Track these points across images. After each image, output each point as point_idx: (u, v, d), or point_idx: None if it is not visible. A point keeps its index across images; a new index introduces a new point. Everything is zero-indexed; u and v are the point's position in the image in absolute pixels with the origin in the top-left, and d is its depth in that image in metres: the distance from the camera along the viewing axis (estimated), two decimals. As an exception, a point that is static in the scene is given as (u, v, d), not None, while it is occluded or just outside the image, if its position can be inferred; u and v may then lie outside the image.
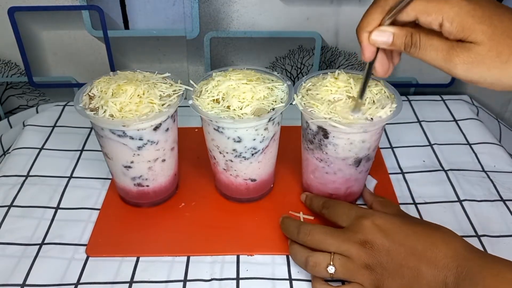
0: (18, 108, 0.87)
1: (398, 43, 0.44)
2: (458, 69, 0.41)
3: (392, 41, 0.44)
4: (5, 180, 0.65)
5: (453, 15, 0.40)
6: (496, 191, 0.63)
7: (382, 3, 0.44)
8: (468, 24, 0.40)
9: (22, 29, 0.77)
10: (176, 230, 0.58)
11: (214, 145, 0.57)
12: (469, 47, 0.40)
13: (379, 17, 0.44)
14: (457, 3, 0.40)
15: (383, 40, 0.44)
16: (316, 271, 0.49)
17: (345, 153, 0.54)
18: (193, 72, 0.83)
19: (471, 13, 0.40)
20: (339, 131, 0.52)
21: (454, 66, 0.41)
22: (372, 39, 0.45)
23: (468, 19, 0.40)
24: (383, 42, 0.45)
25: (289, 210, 0.60)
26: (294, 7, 0.76)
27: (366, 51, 0.46)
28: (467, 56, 0.40)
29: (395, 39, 0.44)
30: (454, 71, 0.41)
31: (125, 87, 0.53)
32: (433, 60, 0.42)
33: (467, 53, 0.40)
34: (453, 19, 0.40)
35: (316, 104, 0.53)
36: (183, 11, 0.76)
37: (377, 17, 0.44)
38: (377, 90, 0.54)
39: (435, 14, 0.41)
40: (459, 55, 0.41)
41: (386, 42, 0.45)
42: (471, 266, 0.42)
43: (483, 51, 0.40)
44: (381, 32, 0.44)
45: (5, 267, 0.53)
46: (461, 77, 0.42)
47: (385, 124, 0.53)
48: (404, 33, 0.44)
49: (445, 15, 0.41)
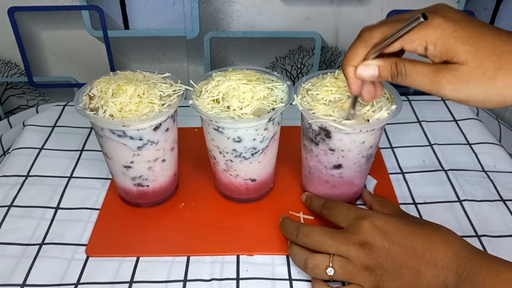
0: (18, 108, 0.87)
1: (385, 74, 0.45)
2: (446, 90, 0.41)
3: (379, 73, 0.45)
4: (5, 180, 0.65)
5: (436, 38, 0.41)
6: (496, 191, 0.63)
7: (366, 39, 0.44)
8: (451, 46, 0.40)
9: (22, 29, 0.77)
10: (176, 230, 0.58)
11: (214, 145, 0.57)
12: (454, 67, 0.41)
13: (364, 52, 0.45)
14: (439, 26, 0.41)
15: (370, 73, 0.45)
16: (316, 273, 0.49)
17: (345, 152, 0.54)
18: (193, 72, 0.84)
19: (453, 35, 0.41)
20: (340, 131, 0.52)
21: (441, 88, 0.42)
22: (359, 74, 0.45)
23: (450, 40, 0.40)
24: (369, 75, 0.45)
25: (289, 210, 0.60)
26: (294, 7, 0.76)
27: (353, 85, 0.47)
28: (453, 76, 0.41)
29: (381, 71, 0.45)
30: (442, 93, 0.42)
31: (125, 87, 0.53)
32: (420, 85, 0.43)
33: (453, 74, 0.41)
34: (436, 42, 0.41)
35: (316, 105, 0.53)
36: (183, 11, 0.76)
37: (361, 52, 0.45)
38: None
39: (418, 40, 0.42)
40: (445, 77, 0.41)
41: (373, 75, 0.45)
42: (471, 266, 0.42)
43: (468, 70, 0.40)
44: (366, 67, 0.45)
45: (5, 267, 0.53)
46: (451, 98, 0.42)
47: (385, 124, 0.53)
48: (389, 64, 0.44)
49: (428, 39, 0.41)
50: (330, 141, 0.54)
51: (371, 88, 0.48)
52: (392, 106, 0.53)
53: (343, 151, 0.54)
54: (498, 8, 0.78)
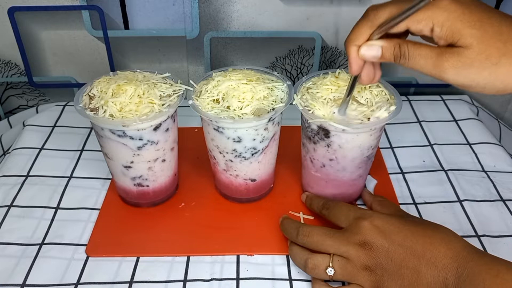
0: (18, 108, 0.87)
1: (388, 55, 0.44)
2: (449, 74, 0.41)
3: (381, 54, 0.44)
4: (5, 180, 0.65)
5: (443, 20, 0.40)
6: (496, 191, 0.63)
7: (372, 18, 0.44)
8: (457, 28, 0.40)
9: (22, 29, 0.77)
10: (176, 230, 0.58)
11: (214, 145, 0.57)
12: (459, 51, 0.40)
13: (368, 32, 0.44)
14: (447, 8, 0.41)
15: (372, 54, 0.45)
16: (316, 273, 0.49)
17: (345, 152, 0.54)
18: (193, 72, 0.83)
19: (461, 18, 0.40)
20: (340, 131, 0.52)
21: (444, 71, 0.41)
22: (362, 54, 0.45)
23: (457, 23, 0.40)
24: (372, 56, 0.45)
25: (289, 210, 0.60)
26: (294, 7, 0.76)
27: (354, 64, 0.46)
28: (457, 60, 0.40)
29: (384, 52, 0.44)
30: (444, 76, 0.41)
31: (125, 87, 0.53)
32: (423, 68, 0.42)
33: (456, 57, 0.40)
34: (443, 23, 0.41)
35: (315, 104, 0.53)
36: (183, 11, 0.76)
37: (366, 31, 0.44)
38: (377, 92, 0.54)
39: (425, 20, 0.41)
40: (448, 60, 0.41)
41: (376, 55, 0.45)
42: (471, 267, 0.42)
43: (472, 54, 0.40)
44: (370, 47, 0.44)
45: (5, 267, 0.53)
46: (452, 82, 0.42)
47: (385, 124, 0.53)
48: (392, 45, 0.43)
49: (435, 20, 0.41)
50: (330, 141, 0.54)
51: (370, 70, 0.47)
52: (392, 106, 0.53)
53: (343, 151, 0.54)
54: (498, 8, 0.78)
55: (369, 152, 0.56)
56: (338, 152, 0.54)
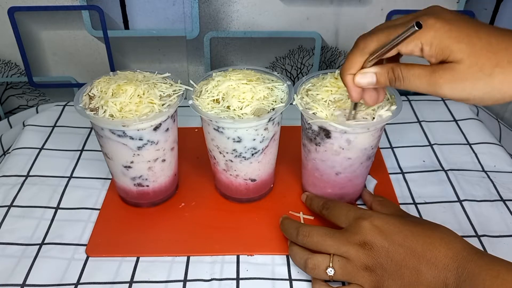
0: (18, 108, 0.87)
1: (382, 80, 0.45)
2: (444, 90, 0.42)
3: (376, 80, 0.46)
4: (5, 180, 0.65)
5: (431, 39, 0.41)
6: (496, 191, 0.63)
7: (362, 47, 0.45)
8: (446, 45, 0.41)
9: (22, 29, 0.77)
10: (176, 230, 0.58)
11: (214, 145, 0.57)
12: (451, 66, 0.41)
13: (361, 60, 0.45)
14: (432, 27, 0.41)
15: (367, 81, 0.46)
16: (316, 274, 0.49)
17: (345, 153, 0.54)
18: (193, 72, 0.84)
19: (448, 34, 0.41)
20: (340, 131, 0.52)
21: (439, 88, 0.42)
22: (357, 82, 0.46)
23: (445, 40, 0.41)
24: (367, 83, 0.46)
25: (289, 210, 0.60)
26: (294, 7, 0.76)
27: (353, 92, 0.47)
28: (450, 75, 0.41)
29: (378, 78, 0.45)
30: (441, 93, 0.42)
31: (125, 87, 0.53)
32: (418, 87, 0.43)
33: (449, 73, 0.41)
34: (431, 42, 0.41)
35: (316, 106, 0.53)
36: (183, 11, 0.76)
37: (358, 60, 0.45)
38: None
39: (413, 41, 0.42)
40: (442, 76, 0.41)
41: (371, 82, 0.46)
42: (471, 267, 0.42)
43: (464, 68, 0.40)
44: (364, 75, 0.46)
45: (5, 267, 0.53)
46: (450, 97, 0.42)
47: (385, 124, 0.53)
48: (386, 70, 0.45)
49: (423, 39, 0.42)
50: (330, 142, 0.54)
51: (373, 93, 0.48)
52: (392, 106, 0.53)
53: (343, 151, 0.54)
54: (498, 8, 0.78)
55: (369, 152, 0.56)
56: (338, 152, 0.54)
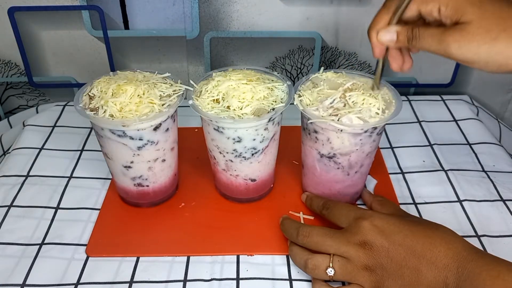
0: (18, 108, 0.87)
1: (402, 38, 0.48)
2: (451, 48, 0.44)
3: (397, 38, 0.48)
4: (5, 180, 0.65)
5: (447, 0, 0.45)
6: (496, 191, 0.63)
7: (388, 4, 0.49)
8: (460, 6, 0.44)
9: (22, 29, 0.77)
10: (176, 230, 0.58)
11: (214, 145, 0.57)
12: (461, 27, 0.44)
13: (387, 17, 0.49)
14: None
15: (389, 38, 0.49)
16: (316, 274, 0.49)
17: (345, 153, 0.54)
18: (193, 72, 0.83)
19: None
20: (339, 131, 0.52)
21: (447, 46, 0.44)
22: (379, 38, 0.49)
23: (460, 2, 0.44)
24: (389, 39, 0.49)
25: (289, 210, 0.60)
26: (294, 7, 0.76)
27: (376, 48, 0.51)
28: (459, 35, 0.44)
29: (398, 35, 0.48)
30: (448, 51, 0.45)
31: (125, 87, 0.53)
32: (430, 45, 0.46)
33: (458, 33, 0.44)
34: (447, 3, 0.45)
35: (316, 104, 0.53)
36: (183, 11, 0.76)
37: (384, 17, 0.49)
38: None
39: (432, 2, 0.46)
40: (451, 35, 0.44)
41: (391, 39, 0.49)
42: (472, 267, 0.43)
43: (472, 29, 0.43)
44: (386, 32, 0.49)
45: (5, 267, 0.53)
46: (456, 56, 0.45)
47: (385, 124, 0.53)
48: (405, 29, 0.48)
49: (441, 0, 0.45)
50: (330, 141, 0.54)
51: (397, 55, 0.51)
52: (392, 106, 0.53)
53: (342, 151, 0.54)
54: None
55: (369, 152, 0.56)
56: (338, 152, 0.54)
